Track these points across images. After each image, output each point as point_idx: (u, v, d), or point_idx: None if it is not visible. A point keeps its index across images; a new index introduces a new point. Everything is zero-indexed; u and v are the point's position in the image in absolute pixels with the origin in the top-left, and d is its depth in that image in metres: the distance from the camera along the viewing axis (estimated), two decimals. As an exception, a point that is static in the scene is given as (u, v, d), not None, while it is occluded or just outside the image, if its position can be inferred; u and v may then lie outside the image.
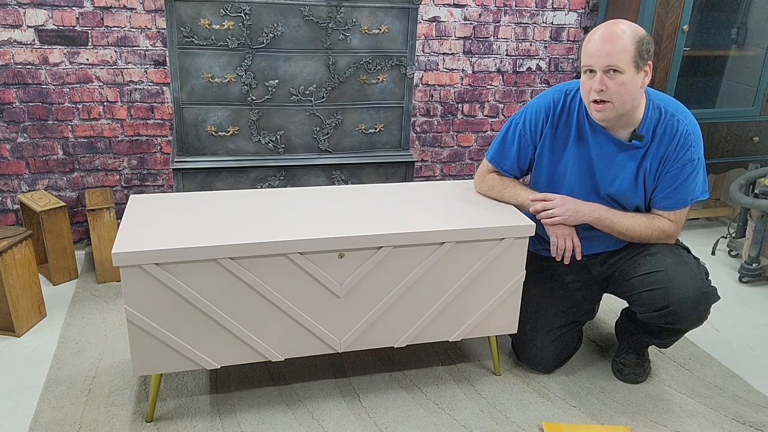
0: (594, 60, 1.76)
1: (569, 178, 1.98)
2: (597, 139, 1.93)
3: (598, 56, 1.75)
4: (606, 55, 1.73)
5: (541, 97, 2.00)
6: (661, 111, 1.88)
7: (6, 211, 2.79)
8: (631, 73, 1.75)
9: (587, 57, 1.78)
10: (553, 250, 1.98)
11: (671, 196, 1.92)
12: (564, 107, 1.96)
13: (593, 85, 1.78)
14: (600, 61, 1.75)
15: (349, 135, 2.47)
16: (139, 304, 1.66)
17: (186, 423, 1.83)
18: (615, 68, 1.73)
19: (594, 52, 1.76)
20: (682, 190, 1.91)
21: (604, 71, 1.75)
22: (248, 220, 1.82)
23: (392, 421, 1.87)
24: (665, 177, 1.90)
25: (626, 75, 1.74)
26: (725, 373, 2.17)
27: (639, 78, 1.77)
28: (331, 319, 1.82)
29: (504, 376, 2.10)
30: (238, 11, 2.20)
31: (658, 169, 1.91)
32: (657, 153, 1.89)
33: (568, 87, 1.98)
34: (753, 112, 3.19)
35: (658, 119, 1.88)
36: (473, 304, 1.93)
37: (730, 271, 2.96)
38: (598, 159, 1.94)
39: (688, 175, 1.89)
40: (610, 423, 1.90)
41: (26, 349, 2.16)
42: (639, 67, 1.76)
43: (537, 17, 3.19)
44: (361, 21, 2.33)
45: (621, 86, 1.75)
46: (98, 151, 2.82)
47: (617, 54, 1.72)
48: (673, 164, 1.88)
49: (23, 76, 2.63)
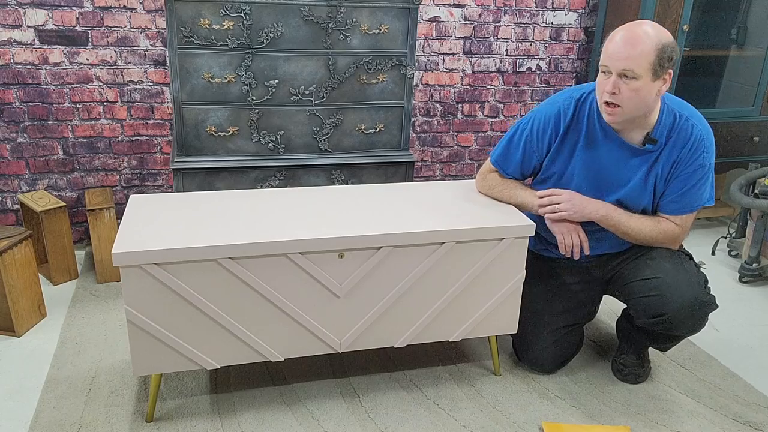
0: (611, 61, 1.71)
1: (576, 182, 1.96)
2: (609, 143, 1.90)
3: (616, 58, 1.69)
4: (624, 59, 1.68)
5: (551, 105, 1.95)
6: (675, 115, 1.85)
7: (6, 211, 2.79)
8: (647, 80, 1.69)
9: (605, 57, 1.73)
10: (561, 248, 1.96)
11: (679, 201, 1.90)
12: (573, 116, 1.92)
13: (606, 86, 1.73)
14: (617, 64, 1.69)
15: (349, 135, 2.47)
16: (139, 304, 1.66)
17: (186, 423, 1.83)
18: (631, 74, 1.69)
19: (612, 53, 1.70)
20: (691, 195, 1.88)
21: (619, 74, 1.70)
22: (248, 220, 1.82)
23: (392, 421, 1.87)
24: (675, 181, 1.88)
25: (641, 81, 1.69)
26: (725, 373, 2.17)
27: (656, 86, 1.72)
28: (331, 319, 1.82)
29: (504, 376, 2.10)
30: (238, 11, 2.20)
31: (669, 173, 1.88)
32: (669, 157, 1.86)
33: (579, 93, 1.93)
34: (753, 112, 3.19)
35: (673, 123, 1.84)
36: (473, 304, 1.93)
37: (730, 271, 2.96)
38: (608, 163, 1.91)
39: (697, 180, 1.87)
40: (610, 423, 1.90)
41: (26, 349, 2.16)
42: (657, 74, 1.70)
43: (537, 17, 3.19)
44: (361, 21, 2.33)
45: (634, 92, 1.71)
46: (98, 151, 2.82)
47: (635, 59, 1.67)
48: (685, 168, 1.86)
49: (23, 76, 2.63)
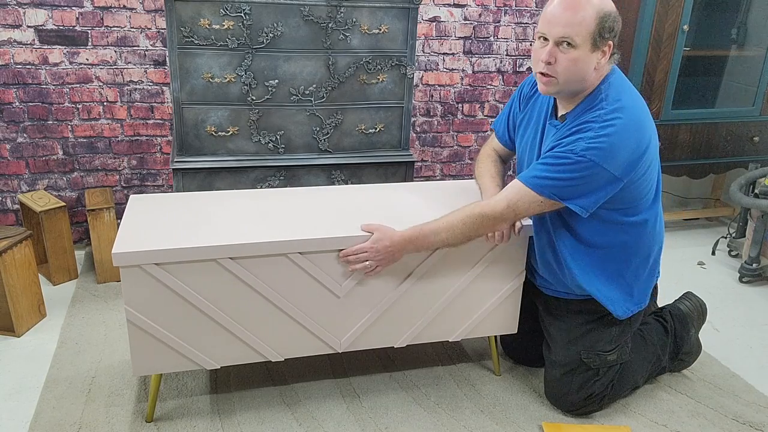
0: (549, 27, 1.58)
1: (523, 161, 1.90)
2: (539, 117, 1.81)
3: (554, 23, 1.57)
4: (562, 25, 1.56)
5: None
6: (601, 100, 1.65)
7: (6, 211, 2.79)
8: (585, 50, 1.57)
9: (543, 22, 1.61)
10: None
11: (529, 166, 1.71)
12: (532, 88, 1.86)
13: (541, 55, 1.61)
14: (554, 30, 1.57)
15: (349, 135, 2.47)
16: (139, 304, 1.66)
17: (186, 423, 1.83)
18: (569, 41, 1.57)
19: (551, 18, 1.58)
20: (542, 168, 1.65)
21: (556, 42, 1.58)
22: (248, 220, 1.82)
23: (392, 421, 1.87)
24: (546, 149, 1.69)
25: (579, 51, 1.57)
26: (725, 373, 2.17)
27: (594, 57, 1.59)
28: (331, 319, 1.82)
29: (504, 376, 2.10)
30: (238, 11, 2.20)
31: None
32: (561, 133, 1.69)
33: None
34: (753, 112, 3.19)
35: (591, 106, 1.66)
36: (473, 304, 1.93)
37: (730, 271, 2.96)
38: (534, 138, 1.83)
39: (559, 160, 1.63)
40: (610, 423, 1.90)
41: (26, 349, 2.16)
42: (597, 45, 1.58)
43: (537, 17, 3.18)
44: (361, 21, 2.33)
45: (571, 62, 1.58)
46: (98, 151, 2.82)
47: (574, 26, 1.55)
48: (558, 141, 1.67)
49: (23, 76, 2.63)
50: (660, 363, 2.02)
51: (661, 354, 2.00)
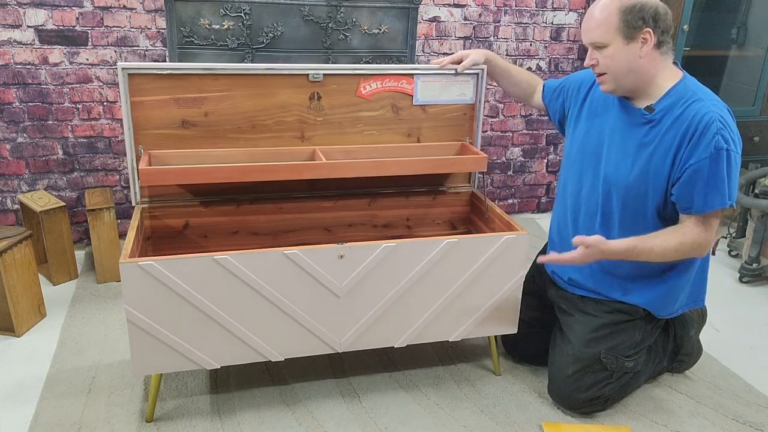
0: (583, 37, 1.76)
1: (573, 154, 1.93)
2: (608, 114, 1.86)
3: (584, 33, 1.74)
4: (587, 32, 1.73)
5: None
6: (685, 93, 1.72)
7: (6, 211, 2.79)
8: (618, 44, 1.68)
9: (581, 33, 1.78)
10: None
11: (690, 196, 1.71)
12: (592, 84, 1.93)
13: (586, 61, 1.78)
14: (586, 38, 1.74)
15: (349, 135, 2.47)
16: (139, 304, 1.66)
17: (186, 423, 1.83)
18: (598, 44, 1.71)
19: (582, 29, 1.76)
20: (703, 190, 1.69)
21: (592, 47, 1.74)
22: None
23: (392, 421, 1.87)
24: (686, 171, 1.69)
25: (612, 47, 1.69)
26: (725, 373, 2.17)
27: (632, 48, 1.68)
28: (331, 319, 1.82)
29: (504, 376, 2.10)
30: (238, 11, 2.20)
31: (675, 159, 1.71)
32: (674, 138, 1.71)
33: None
34: (753, 112, 3.19)
35: (677, 101, 1.72)
36: (473, 304, 1.93)
37: (730, 271, 2.96)
38: (605, 135, 1.85)
39: (711, 171, 1.67)
40: (610, 423, 1.90)
41: (26, 349, 2.16)
42: (630, 36, 1.67)
43: (537, 17, 3.19)
44: (361, 21, 2.33)
45: (609, 59, 1.71)
46: (98, 151, 2.81)
47: (594, 30, 1.70)
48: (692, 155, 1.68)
49: (23, 76, 2.63)
50: (660, 363, 2.03)
51: (662, 354, 2.01)
